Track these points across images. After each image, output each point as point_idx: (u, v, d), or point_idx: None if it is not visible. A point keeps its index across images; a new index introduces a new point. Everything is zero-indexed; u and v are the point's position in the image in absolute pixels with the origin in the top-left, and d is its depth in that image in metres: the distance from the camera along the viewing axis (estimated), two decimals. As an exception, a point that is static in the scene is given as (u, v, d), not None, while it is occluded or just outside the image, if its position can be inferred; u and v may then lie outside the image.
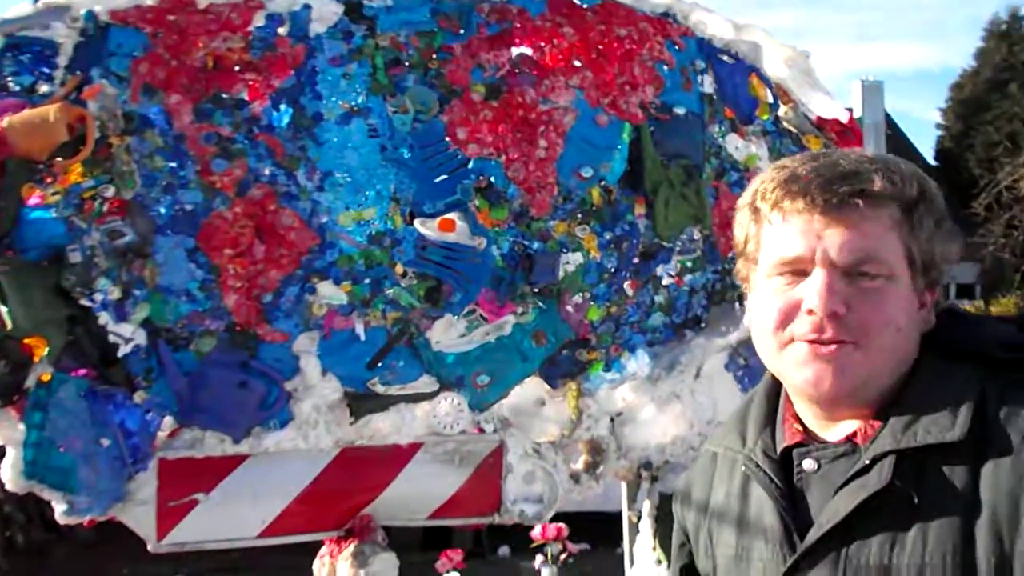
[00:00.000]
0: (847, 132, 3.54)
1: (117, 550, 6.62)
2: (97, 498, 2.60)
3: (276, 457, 2.77)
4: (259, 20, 2.83)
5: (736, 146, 3.36)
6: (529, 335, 3.02)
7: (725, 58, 3.41)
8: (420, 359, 2.91)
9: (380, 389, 2.87)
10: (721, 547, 1.35)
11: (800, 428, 1.28)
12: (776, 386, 1.34)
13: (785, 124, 3.45)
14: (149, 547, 2.68)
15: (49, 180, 2.64)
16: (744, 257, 1.35)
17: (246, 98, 2.81)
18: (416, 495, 2.94)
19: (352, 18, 2.91)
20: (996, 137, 22.96)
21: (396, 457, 2.90)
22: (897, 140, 28.99)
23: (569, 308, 3.05)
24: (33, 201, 2.61)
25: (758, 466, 1.28)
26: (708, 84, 3.34)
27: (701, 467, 1.46)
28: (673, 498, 1.52)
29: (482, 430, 2.98)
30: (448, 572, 3.09)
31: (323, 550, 2.90)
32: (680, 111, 3.24)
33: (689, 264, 3.21)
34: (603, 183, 3.11)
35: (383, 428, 2.87)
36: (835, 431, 1.25)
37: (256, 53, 2.82)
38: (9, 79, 2.65)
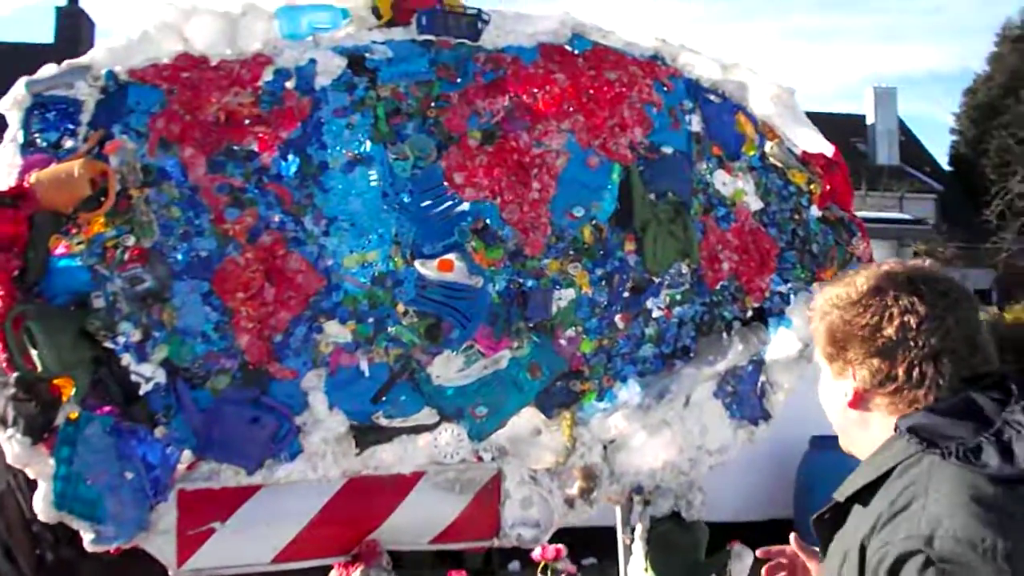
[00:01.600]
0: (832, 165, 3.62)
1: (142, 569, 6.77)
2: (122, 527, 2.72)
3: (287, 487, 2.88)
4: (268, 75, 2.97)
5: (723, 182, 3.46)
6: (525, 368, 3.12)
7: (712, 97, 3.52)
8: (421, 393, 3.02)
9: (384, 422, 2.97)
10: None
11: None
12: None
13: (771, 159, 3.54)
14: (170, 573, 2.82)
15: (74, 231, 2.76)
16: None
17: (256, 149, 2.93)
18: (419, 521, 3.04)
19: (355, 71, 3.05)
20: (1010, 142, 22.84)
21: (400, 485, 3.01)
22: (911, 145, 28.88)
23: (563, 342, 3.16)
24: (59, 251, 2.74)
25: None
26: (696, 123, 3.45)
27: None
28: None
29: (481, 458, 3.08)
30: (454, 592, 3.21)
31: (332, 574, 3.03)
32: (668, 150, 3.36)
33: (678, 297, 3.31)
34: (594, 222, 3.22)
35: (387, 458, 2.98)
36: None
37: (265, 107, 2.95)
38: (36, 135, 2.80)
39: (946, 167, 29.17)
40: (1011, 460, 1.25)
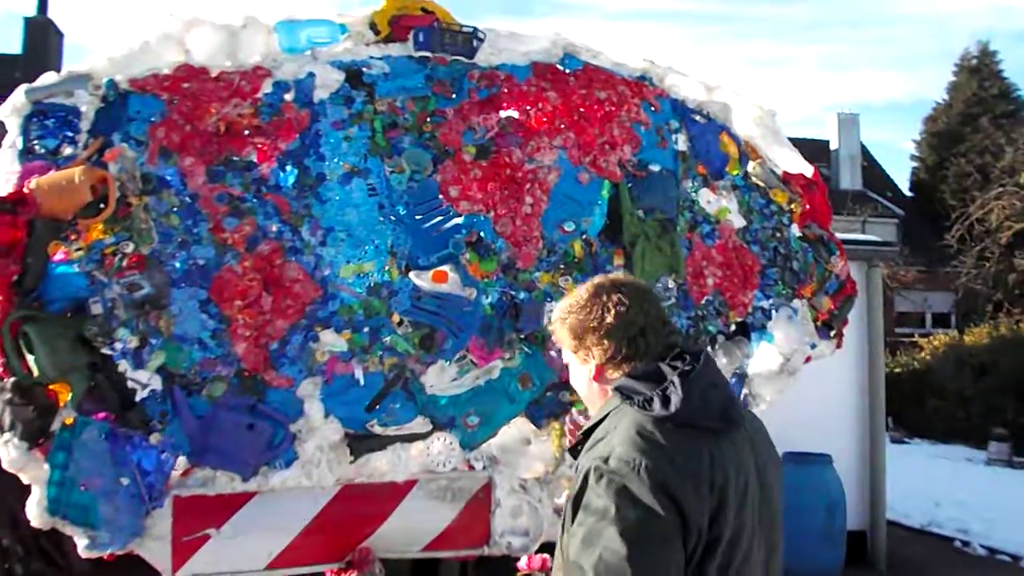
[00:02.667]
0: (811, 185, 3.73)
1: (112, 581, 6.71)
2: (117, 533, 2.72)
3: (282, 494, 2.90)
4: (267, 87, 3.02)
5: (708, 200, 3.56)
6: (516, 379, 3.18)
7: (697, 117, 3.62)
8: (415, 402, 3.06)
9: (378, 430, 3.02)
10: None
11: None
12: None
13: (753, 179, 3.65)
14: None
15: (73, 237, 2.77)
16: None
17: (255, 160, 2.97)
18: (411, 529, 3.08)
19: (353, 85, 3.10)
20: (969, 169, 23.35)
21: (393, 493, 3.05)
22: (873, 171, 29.42)
23: (553, 353, 3.19)
24: (58, 257, 2.74)
25: None
26: (682, 142, 3.55)
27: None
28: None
29: (472, 467, 3.13)
30: (438, 603, 3.23)
31: (325, 581, 3.07)
32: (656, 168, 3.45)
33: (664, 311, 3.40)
34: (584, 236, 3.31)
35: (381, 466, 3.02)
36: None
37: (264, 118, 3.00)
38: (35, 142, 2.81)
39: (907, 192, 29.73)
40: (667, 406, 1.79)
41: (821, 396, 7.09)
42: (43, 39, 17.48)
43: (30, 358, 2.66)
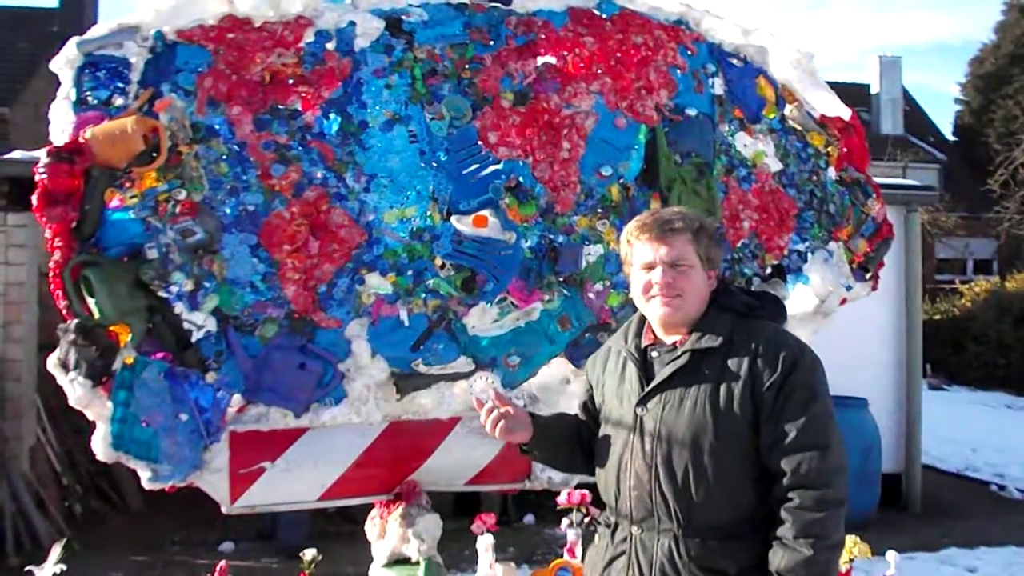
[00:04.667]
0: (848, 128, 3.73)
1: (167, 519, 6.99)
2: (177, 467, 2.85)
3: (332, 430, 3.01)
4: (309, 36, 3.06)
5: (744, 143, 3.56)
6: (555, 320, 3.25)
7: (734, 61, 3.61)
8: (458, 342, 3.15)
9: (423, 369, 3.11)
10: (607, 392, 2.44)
11: (652, 336, 2.39)
12: (642, 317, 2.43)
13: (790, 122, 3.64)
14: (224, 509, 2.95)
15: (127, 185, 2.86)
16: (625, 263, 2.45)
17: (299, 108, 3.03)
18: (455, 464, 3.19)
19: (392, 33, 3.14)
20: (1016, 112, 22.79)
21: (438, 430, 3.16)
22: (915, 115, 28.84)
23: (591, 295, 3.29)
24: (114, 204, 2.84)
25: (631, 353, 2.38)
26: (718, 86, 3.54)
27: (602, 352, 2.57)
28: (587, 365, 2.63)
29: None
30: (483, 533, 3.36)
31: (374, 512, 3.17)
32: (692, 112, 3.46)
33: (700, 253, 3.45)
34: (621, 181, 3.34)
35: (426, 404, 3.12)
36: (669, 339, 2.35)
37: (307, 67, 3.05)
38: (88, 94, 2.88)
39: (950, 137, 29.14)
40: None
41: (858, 340, 7.13)
42: (79, -8, 17.58)
43: (91, 301, 2.77)
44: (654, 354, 2.36)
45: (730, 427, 2.17)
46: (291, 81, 3.06)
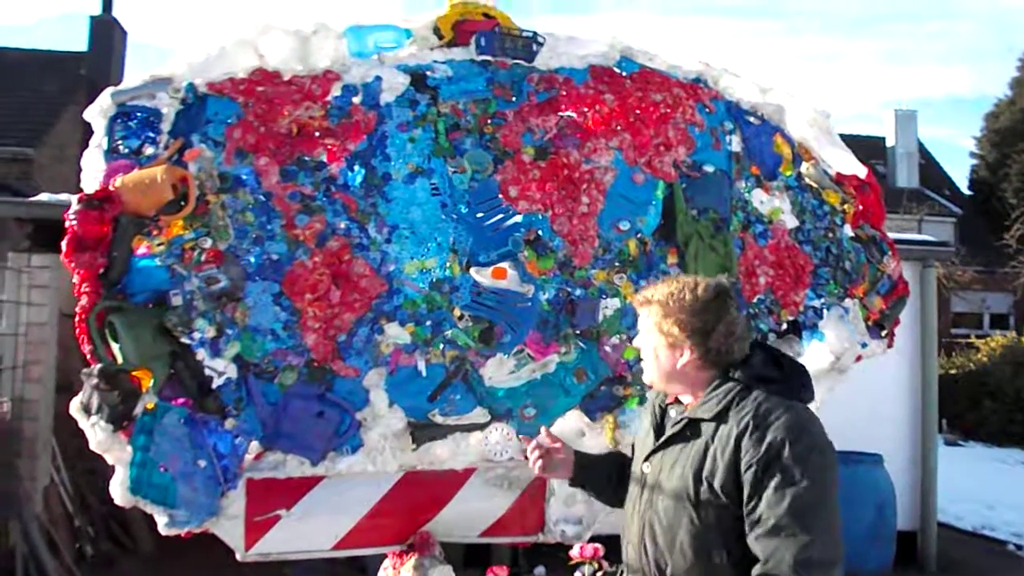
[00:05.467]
0: (864, 187, 3.76)
1: (178, 564, 6.95)
2: (194, 512, 2.87)
3: (348, 479, 3.02)
4: (336, 90, 3.15)
5: (761, 200, 3.61)
6: (571, 372, 3.27)
7: (751, 119, 3.67)
8: (474, 393, 3.17)
9: (439, 420, 3.13)
10: (636, 440, 2.55)
11: (673, 398, 2.40)
12: None
13: (807, 180, 3.69)
14: (238, 556, 2.96)
15: (155, 233, 2.92)
16: None
17: (325, 160, 3.10)
18: (470, 515, 3.19)
19: (417, 88, 3.22)
20: (1031, 167, 22.81)
21: (452, 481, 3.16)
22: (931, 168, 28.90)
23: (608, 348, 3.31)
24: (141, 251, 2.89)
25: (654, 407, 2.45)
26: (736, 143, 3.60)
27: (649, 402, 2.57)
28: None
29: (528, 457, 3.25)
30: (494, 586, 3.34)
31: (387, 563, 3.15)
32: (710, 169, 3.51)
33: (717, 309, 3.46)
34: (639, 235, 3.38)
35: (441, 454, 3.13)
36: (686, 400, 2.36)
37: (334, 120, 3.12)
38: (120, 142, 2.96)
39: (965, 191, 29.16)
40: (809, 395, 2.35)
41: (873, 396, 7.09)
42: (108, 37, 17.96)
43: (115, 346, 2.80)
44: (672, 413, 2.41)
45: (709, 499, 2.15)
46: (317, 134, 3.13)
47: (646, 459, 2.36)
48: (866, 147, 24.67)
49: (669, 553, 2.21)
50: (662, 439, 2.33)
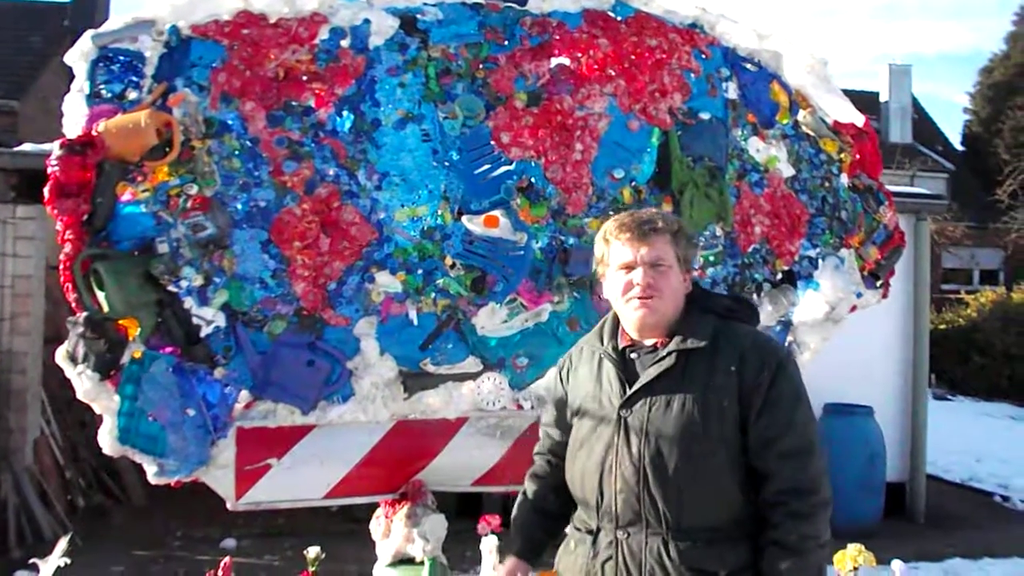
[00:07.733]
0: (862, 135, 3.71)
1: (170, 514, 6.99)
2: (184, 462, 2.84)
3: (339, 428, 3.00)
4: (324, 33, 3.06)
5: (757, 148, 3.55)
6: (564, 322, 3.24)
7: (748, 66, 3.60)
8: (466, 342, 3.14)
9: (431, 369, 3.10)
10: (582, 394, 2.40)
11: (629, 338, 2.36)
12: (616, 318, 2.41)
13: (803, 128, 3.63)
14: (229, 505, 2.94)
15: (139, 179, 2.85)
16: (601, 263, 2.40)
17: (313, 105, 3.02)
18: (461, 464, 3.18)
19: (407, 31, 3.13)
20: (1024, 123, 22.75)
21: (444, 430, 3.14)
22: (924, 124, 28.79)
23: (601, 297, 3.29)
24: (126, 198, 2.83)
25: (609, 354, 2.36)
26: (732, 90, 3.53)
27: (574, 353, 2.54)
28: (558, 367, 2.59)
29: (521, 407, 3.20)
30: (488, 535, 3.34)
31: (379, 511, 3.16)
32: (705, 116, 3.45)
33: (711, 258, 3.42)
34: (633, 183, 3.33)
35: (433, 404, 3.11)
36: (647, 341, 2.32)
37: (321, 64, 3.04)
38: (102, 87, 2.88)
39: (958, 146, 29.09)
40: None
41: (865, 348, 7.11)
42: (91, -13, 17.61)
43: (100, 294, 2.76)
44: (633, 355, 2.34)
45: (719, 429, 2.18)
46: (305, 78, 3.05)
47: (624, 406, 2.26)
48: (860, 102, 24.31)
49: (685, 491, 2.16)
50: (645, 380, 2.25)
